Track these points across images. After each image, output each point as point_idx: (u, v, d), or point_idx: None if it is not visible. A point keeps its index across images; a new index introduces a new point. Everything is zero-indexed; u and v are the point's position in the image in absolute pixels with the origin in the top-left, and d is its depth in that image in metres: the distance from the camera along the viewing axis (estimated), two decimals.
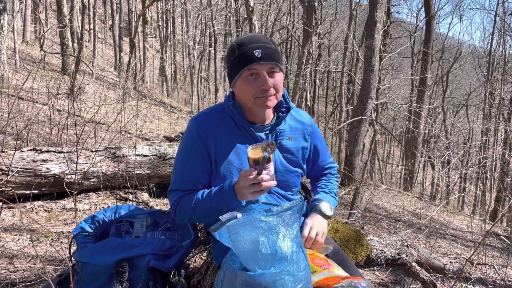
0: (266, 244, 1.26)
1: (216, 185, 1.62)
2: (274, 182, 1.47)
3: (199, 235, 2.17)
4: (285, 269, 1.26)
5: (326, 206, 1.78)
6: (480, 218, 10.11)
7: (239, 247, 1.27)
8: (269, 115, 1.73)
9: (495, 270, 4.33)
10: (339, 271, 1.52)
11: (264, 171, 1.42)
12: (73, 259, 1.65)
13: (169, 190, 1.69)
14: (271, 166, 1.46)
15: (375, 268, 3.69)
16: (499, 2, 21.62)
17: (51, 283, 1.48)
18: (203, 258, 2.29)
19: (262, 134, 1.69)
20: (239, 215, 1.28)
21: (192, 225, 1.80)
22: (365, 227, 5.56)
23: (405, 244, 2.75)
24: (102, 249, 1.54)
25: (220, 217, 1.29)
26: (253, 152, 1.44)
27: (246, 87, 1.58)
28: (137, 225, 1.76)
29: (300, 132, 1.79)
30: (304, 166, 1.81)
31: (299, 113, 1.84)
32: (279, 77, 1.61)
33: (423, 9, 19.31)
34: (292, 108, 1.77)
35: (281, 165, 1.71)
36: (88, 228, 1.68)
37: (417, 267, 2.76)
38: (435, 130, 18.47)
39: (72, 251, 1.71)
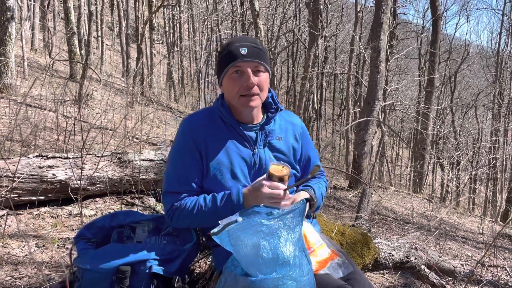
0: (267, 249, 1.23)
1: (207, 186, 1.62)
2: (289, 203, 1.52)
3: (203, 239, 2.15)
4: (287, 274, 1.23)
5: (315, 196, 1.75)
6: (491, 220, 9.99)
7: (240, 252, 1.24)
8: (258, 115, 1.73)
9: (507, 272, 4.26)
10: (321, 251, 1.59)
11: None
12: (74, 265, 1.63)
13: (163, 194, 1.67)
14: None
15: (385, 271, 3.64)
16: (507, 2, 21.51)
17: None
18: (208, 263, 2.27)
19: (252, 133, 1.69)
20: (240, 218, 1.25)
21: (194, 228, 1.77)
22: (374, 230, 5.51)
23: (414, 246, 2.71)
24: (102, 255, 1.52)
25: (219, 221, 1.27)
26: (276, 169, 1.50)
27: (231, 84, 1.61)
28: (139, 230, 1.74)
29: (290, 132, 1.78)
30: (297, 167, 1.79)
31: (290, 114, 1.85)
32: (264, 76, 1.63)
33: (429, 10, 19.22)
34: (281, 109, 1.78)
35: None
36: (88, 234, 1.67)
37: (426, 270, 2.71)
38: (443, 131, 18.33)
39: (73, 257, 1.70)
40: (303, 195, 1.67)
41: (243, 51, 1.57)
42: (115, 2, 25.11)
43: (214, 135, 1.65)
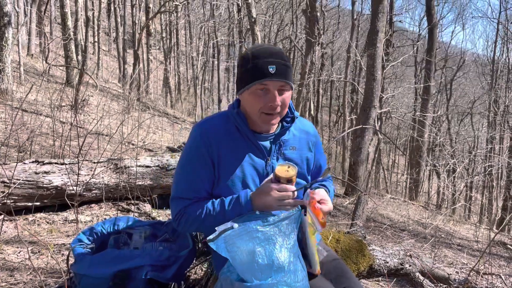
0: (262, 255, 1.24)
1: (217, 193, 1.61)
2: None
3: (200, 246, 2.16)
4: (282, 279, 1.25)
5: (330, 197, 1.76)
6: (487, 227, 10.02)
7: (236, 258, 1.25)
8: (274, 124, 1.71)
9: (502, 279, 4.27)
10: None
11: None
12: (71, 271, 1.64)
13: (171, 198, 1.64)
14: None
15: (379, 278, 3.65)
16: (502, 10, 21.68)
17: None
18: (204, 269, 2.27)
19: (266, 143, 1.67)
20: (236, 225, 1.27)
21: (191, 235, 1.78)
22: (369, 237, 5.52)
23: (408, 254, 2.73)
24: (99, 261, 1.53)
25: (216, 227, 1.28)
26: (282, 170, 1.50)
27: (254, 100, 1.58)
28: (136, 237, 1.74)
29: (304, 142, 1.76)
30: (309, 178, 1.78)
31: (304, 123, 1.82)
32: (288, 94, 1.60)
33: (425, 18, 19.39)
34: (296, 117, 1.74)
35: None
36: (86, 240, 1.67)
37: (421, 277, 2.73)
38: (439, 138, 18.39)
39: (70, 263, 1.71)
40: (322, 193, 1.64)
41: (272, 69, 1.53)
42: (112, 8, 25.19)
43: (228, 144, 1.62)
